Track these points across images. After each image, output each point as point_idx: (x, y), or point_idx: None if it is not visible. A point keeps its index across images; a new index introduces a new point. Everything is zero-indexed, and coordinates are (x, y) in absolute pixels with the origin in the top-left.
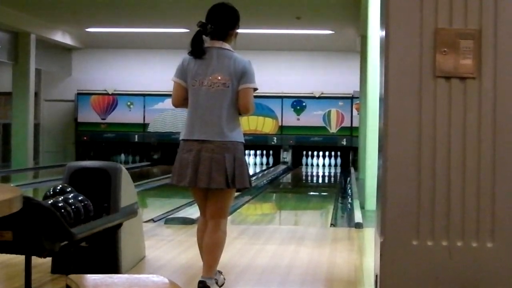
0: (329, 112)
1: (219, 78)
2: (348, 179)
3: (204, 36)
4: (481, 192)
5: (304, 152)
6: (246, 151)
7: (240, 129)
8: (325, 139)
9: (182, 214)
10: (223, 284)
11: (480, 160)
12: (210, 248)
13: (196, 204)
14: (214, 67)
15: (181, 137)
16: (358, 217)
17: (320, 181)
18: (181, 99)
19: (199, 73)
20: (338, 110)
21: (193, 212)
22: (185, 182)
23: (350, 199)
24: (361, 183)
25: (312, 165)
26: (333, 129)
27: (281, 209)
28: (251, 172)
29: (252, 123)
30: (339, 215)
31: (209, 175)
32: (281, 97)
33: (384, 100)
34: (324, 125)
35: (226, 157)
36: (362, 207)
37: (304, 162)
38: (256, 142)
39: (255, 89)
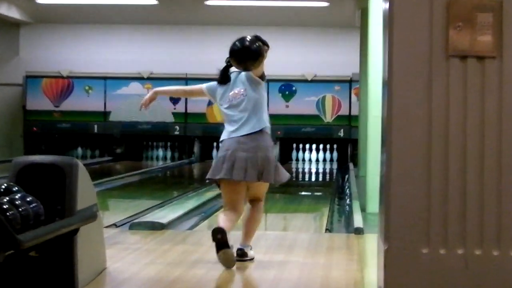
0: (324, 98)
1: (236, 92)
2: (346, 176)
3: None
4: (503, 192)
5: (294, 145)
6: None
7: (269, 132)
8: (319, 130)
9: (150, 217)
10: (252, 259)
11: (501, 154)
12: (252, 222)
13: (167, 207)
14: (231, 86)
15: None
16: (358, 221)
17: (313, 179)
18: (193, 94)
19: (224, 94)
20: (334, 95)
21: (163, 215)
22: (221, 175)
23: (348, 200)
24: (361, 182)
25: (303, 160)
26: (329, 118)
27: (267, 212)
28: None
29: None
30: (336, 218)
31: (245, 170)
32: (267, 80)
33: (388, 84)
34: (317, 113)
35: (258, 156)
36: (363, 210)
37: (294, 157)
38: None
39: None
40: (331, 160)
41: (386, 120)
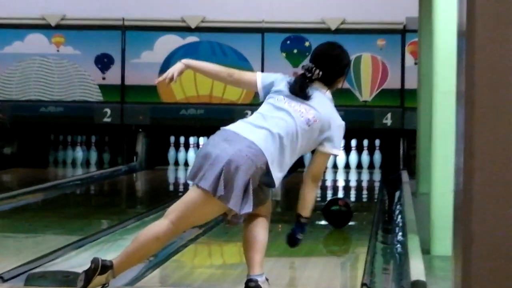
0: (358, 60)
1: (310, 113)
2: (397, 194)
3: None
4: None
5: None
6: (191, 139)
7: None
8: (350, 115)
9: (61, 265)
10: None
11: None
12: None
13: (90, 247)
14: (308, 101)
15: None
16: (417, 270)
17: (340, 197)
18: (241, 81)
19: (290, 96)
20: (376, 56)
21: (84, 261)
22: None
23: (400, 234)
24: (423, 203)
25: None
26: (366, 94)
27: (265, 254)
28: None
29: (205, 84)
30: (379, 266)
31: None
32: (262, 31)
33: (467, 36)
34: (347, 86)
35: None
36: (426, 251)
37: (308, 161)
38: (212, 119)
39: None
40: (371, 166)
41: (464, 97)
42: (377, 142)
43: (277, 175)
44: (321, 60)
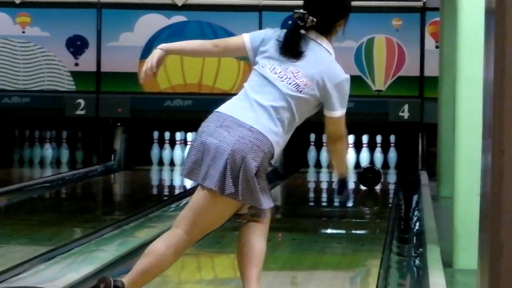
0: (371, 43)
1: (298, 76)
2: (415, 198)
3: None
4: None
5: (313, 138)
6: (178, 135)
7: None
8: (361, 107)
9: (27, 280)
10: None
11: None
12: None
13: (61, 259)
14: (298, 61)
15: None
16: (437, 285)
17: (350, 203)
18: (229, 49)
19: (277, 58)
20: (391, 38)
21: (54, 275)
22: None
23: (419, 245)
24: (444, 208)
25: (330, 166)
26: (380, 83)
27: (263, 266)
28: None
29: (194, 71)
30: (394, 280)
31: (206, 169)
32: (259, 9)
33: (497, 14)
34: (358, 73)
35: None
36: (448, 265)
37: (313, 160)
38: (202, 111)
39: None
40: (385, 165)
41: (493, 86)
42: (392, 138)
43: (278, 152)
44: (313, 2)
